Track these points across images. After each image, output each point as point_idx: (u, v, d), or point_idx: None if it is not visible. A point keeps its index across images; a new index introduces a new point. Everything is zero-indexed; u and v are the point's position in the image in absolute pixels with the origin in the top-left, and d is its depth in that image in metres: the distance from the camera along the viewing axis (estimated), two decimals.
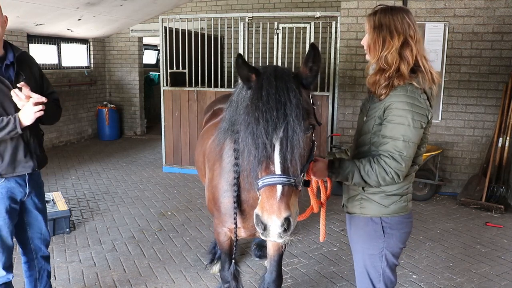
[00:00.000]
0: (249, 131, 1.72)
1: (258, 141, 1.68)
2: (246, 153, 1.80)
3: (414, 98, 1.91)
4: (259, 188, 1.72)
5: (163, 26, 6.96)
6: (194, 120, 7.00)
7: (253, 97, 1.76)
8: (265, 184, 1.68)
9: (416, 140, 1.92)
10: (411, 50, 1.96)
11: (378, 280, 2.14)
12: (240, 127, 1.83)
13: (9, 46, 2.55)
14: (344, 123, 6.32)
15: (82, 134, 9.79)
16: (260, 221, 1.67)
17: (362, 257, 2.16)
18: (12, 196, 2.58)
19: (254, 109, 1.71)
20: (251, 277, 3.73)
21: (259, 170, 1.73)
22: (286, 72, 1.83)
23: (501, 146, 5.55)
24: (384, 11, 2.01)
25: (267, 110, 1.68)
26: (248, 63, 1.87)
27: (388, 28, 1.96)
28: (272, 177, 1.68)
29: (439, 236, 4.65)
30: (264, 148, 1.68)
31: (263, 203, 1.68)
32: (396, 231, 2.09)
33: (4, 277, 2.63)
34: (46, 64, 8.65)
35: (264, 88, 1.74)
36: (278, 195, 1.66)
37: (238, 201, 2.37)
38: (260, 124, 1.68)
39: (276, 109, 1.69)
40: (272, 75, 1.78)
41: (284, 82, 1.75)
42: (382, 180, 1.91)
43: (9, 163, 2.50)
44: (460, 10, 5.70)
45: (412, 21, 1.99)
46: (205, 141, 3.02)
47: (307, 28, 6.26)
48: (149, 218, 5.09)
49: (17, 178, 2.58)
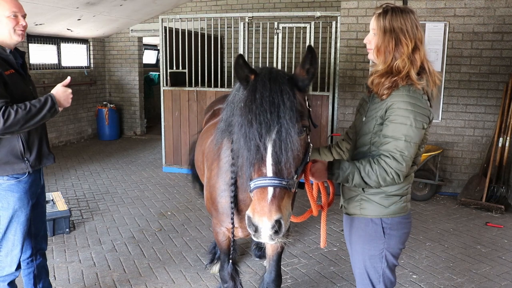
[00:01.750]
0: (242, 133, 1.72)
1: (251, 143, 1.69)
2: (239, 155, 1.81)
3: (416, 99, 1.90)
4: (251, 190, 1.72)
5: (163, 26, 6.96)
6: (194, 120, 7.00)
7: (247, 99, 1.76)
8: (257, 186, 1.68)
9: (418, 141, 1.92)
10: (419, 54, 1.95)
11: (378, 281, 2.13)
12: (234, 128, 1.84)
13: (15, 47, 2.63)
14: (344, 123, 6.32)
15: (82, 134, 9.79)
16: (251, 223, 1.67)
17: (362, 258, 2.15)
18: (34, 190, 2.65)
19: (248, 111, 1.71)
20: (251, 277, 3.73)
21: (251, 172, 1.73)
22: (281, 74, 1.82)
23: (501, 146, 5.55)
24: (395, 12, 1.96)
25: (260, 112, 1.68)
26: (249, 64, 1.86)
27: (401, 32, 1.93)
28: (264, 179, 1.68)
29: (439, 236, 4.65)
30: (256, 150, 1.68)
31: (254, 205, 1.68)
32: (396, 232, 2.08)
33: (12, 274, 2.65)
34: (46, 64, 8.64)
35: (258, 90, 1.74)
36: (269, 197, 1.66)
37: (235, 201, 2.37)
38: (253, 126, 1.68)
39: (269, 111, 1.68)
40: (267, 77, 1.78)
41: (278, 84, 1.75)
42: (383, 181, 1.90)
43: (36, 156, 2.57)
44: (460, 10, 5.69)
45: (418, 23, 1.98)
46: (205, 141, 3.03)
47: (307, 28, 6.26)
48: (149, 218, 5.08)
49: (36, 172, 2.64)
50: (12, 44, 2.51)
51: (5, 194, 2.50)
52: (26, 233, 2.64)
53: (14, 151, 2.47)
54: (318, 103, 6.34)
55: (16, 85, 2.43)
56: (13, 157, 2.47)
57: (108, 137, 9.86)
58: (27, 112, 2.29)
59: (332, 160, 2.31)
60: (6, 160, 2.45)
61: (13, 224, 2.56)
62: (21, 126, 2.30)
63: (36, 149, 2.57)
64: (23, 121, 2.29)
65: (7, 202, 2.51)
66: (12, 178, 2.50)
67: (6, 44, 2.48)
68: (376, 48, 2.02)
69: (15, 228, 2.56)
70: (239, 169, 2.23)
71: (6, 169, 2.46)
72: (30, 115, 2.31)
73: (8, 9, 2.43)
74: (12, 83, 2.39)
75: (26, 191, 2.56)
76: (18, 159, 2.49)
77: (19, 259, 2.65)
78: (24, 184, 2.55)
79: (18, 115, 2.26)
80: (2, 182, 2.48)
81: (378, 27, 1.99)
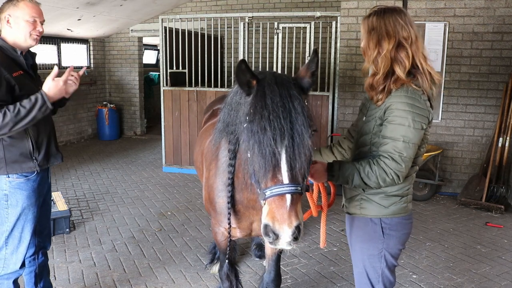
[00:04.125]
0: (255, 140, 1.70)
1: (266, 150, 1.67)
2: (250, 162, 1.77)
3: (415, 99, 1.90)
4: (266, 198, 1.70)
5: (163, 26, 6.96)
6: (194, 120, 7.00)
7: (256, 105, 1.74)
8: (274, 194, 1.67)
9: (417, 141, 1.91)
10: (407, 52, 1.94)
11: (377, 280, 2.14)
12: (243, 135, 1.79)
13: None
14: (344, 123, 6.32)
15: (82, 134, 9.79)
16: (272, 231, 1.66)
17: (362, 257, 2.16)
18: (41, 189, 2.67)
19: (260, 117, 1.69)
20: (251, 277, 3.73)
21: (265, 179, 1.70)
22: (286, 78, 1.82)
23: (501, 146, 5.55)
24: (377, 14, 2.00)
25: (274, 118, 1.67)
26: (251, 69, 1.84)
27: (379, 31, 1.97)
28: (281, 187, 1.66)
29: (439, 236, 4.65)
30: (272, 157, 1.67)
31: (274, 213, 1.66)
32: (395, 232, 2.08)
33: (16, 272, 2.66)
34: (46, 64, 8.64)
35: (267, 95, 1.72)
36: (288, 204, 1.66)
37: (232, 202, 2.38)
38: (268, 133, 1.66)
39: (282, 117, 1.68)
40: (273, 81, 1.77)
41: (287, 89, 1.75)
42: (382, 181, 1.90)
43: (44, 155, 2.60)
44: (460, 10, 5.69)
45: (406, 22, 1.97)
46: (203, 141, 3.03)
47: (307, 28, 6.26)
48: (149, 218, 5.09)
49: (45, 170, 2.67)
50: (26, 47, 2.56)
51: (14, 191, 2.53)
52: (33, 231, 2.65)
53: (23, 150, 2.50)
54: (318, 103, 6.35)
55: (25, 85, 2.45)
56: (22, 156, 2.50)
57: (108, 137, 9.86)
58: (16, 114, 2.29)
59: (334, 160, 2.32)
60: (15, 159, 2.48)
61: (21, 221, 2.58)
62: (11, 128, 2.30)
63: (44, 148, 2.60)
64: (12, 123, 2.28)
65: (16, 200, 2.54)
66: (21, 177, 2.53)
67: (19, 46, 2.52)
68: (362, 50, 2.07)
69: (22, 225, 2.59)
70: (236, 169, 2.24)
71: (15, 168, 2.49)
72: (20, 117, 2.30)
73: (28, 14, 2.49)
74: (20, 84, 2.42)
75: (34, 189, 2.59)
76: (27, 158, 2.52)
77: (24, 257, 2.66)
78: (32, 182, 2.58)
79: (6, 118, 2.26)
80: (11, 180, 2.51)
81: (364, 30, 2.04)
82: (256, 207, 2.37)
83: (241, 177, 2.25)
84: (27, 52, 2.64)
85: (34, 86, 2.53)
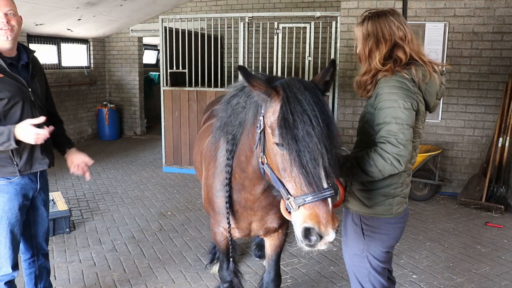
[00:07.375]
0: (301, 146, 1.70)
1: (307, 156, 1.68)
2: (287, 169, 1.76)
3: (402, 82, 1.92)
4: (306, 203, 1.70)
5: (163, 26, 6.96)
6: (194, 120, 7.00)
7: (293, 110, 1.73)
8: (317, 199, 1.69)
9: (410, 122, 1.89)
10: (404, 50, 1.98)
11: (365, 280, 2.14)
12: (281, 142, 1.76)
13: (21, 47, 2.54)
14: (344, 123, 6.32)
15: (82, 134, 9.79)
16: (317, 233, 1.69)
17: (348, 255, 2.20)
18: (25, 193, 2.58)
19: (303, 124, 1.70)
20: (251, 277, 3.73)
21: (303, 185, 1.71)
22: (310, 83, 1.84)
23: (501, 146, 5.55)
24: (371, 19, 2.03)
25: (316, 124, 1.70)
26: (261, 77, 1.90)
27: (376, 35, 1.99)
28: (323, 192, 1.70)
29: (439, 236, 4.65)
30: (314, 163, 1.69)
31: (318, 216, 1.69)
32: (377, 235, 2.07)
33: (9, 274, 2.63)
34: (46, 64, 8.64)
35: (301, 100, 1.74)
36: (330, 208, 1.71)
37: (230, 202, 2.38)
38: (313, 139, 1.69)
39: (321, 121, 1.71)
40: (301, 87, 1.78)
41: (316, 95, 1.77)
42: (382, 168, 1.87)
43: (26, 160, 2.50)
44: (460, 10, 5.69)
45: (401, 22, 2.00)
46: (202, 141, 3.04)
47: (307, 28, 6.26)
48: (149, 218, 5.09)
49: (30, 174, 2.57)
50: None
51: None
52: (17, 235, 2.58)
53: (4, 154, 2.42)
54: None
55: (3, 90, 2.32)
56: (3, 161, 2.43)
57: (108, 137, 9.86)
58: None
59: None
60: None
61: (2, 224, 2.51)
62: None
63: (27, 153, 2.48)
64: None
65: None
66: (4, 179, 2.46)
67: None
68: (358, 56, 2.09)
69: (5, 229, 2.52)
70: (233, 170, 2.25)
71: None
72: None
73: None
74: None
75: (17, 192, 2.51)
76: (8, 162, 2.44)
77: (14, 260, 2.60)
78: (15, 185, 2.50)
79: None
80: None
81: (359, 36, 2.07)
82: (253, 208, 2.38)
83: (238, 178, 2.26)
84: (24, 50, 2.51)
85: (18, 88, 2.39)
